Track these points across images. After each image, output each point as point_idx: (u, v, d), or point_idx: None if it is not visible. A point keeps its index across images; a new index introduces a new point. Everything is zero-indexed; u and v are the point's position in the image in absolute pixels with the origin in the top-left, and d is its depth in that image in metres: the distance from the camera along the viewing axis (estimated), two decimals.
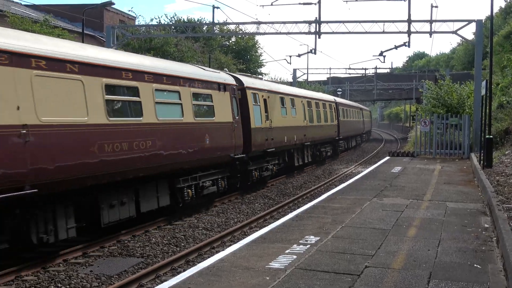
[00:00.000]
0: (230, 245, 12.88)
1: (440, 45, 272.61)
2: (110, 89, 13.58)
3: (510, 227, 10.97)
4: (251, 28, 39.91)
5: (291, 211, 17.49)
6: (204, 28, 58.17)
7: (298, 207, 17.87)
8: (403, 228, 12.46)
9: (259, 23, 37.35)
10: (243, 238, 13.58)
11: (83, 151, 12.36)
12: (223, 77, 20.90)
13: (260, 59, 72.92)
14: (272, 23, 36.74)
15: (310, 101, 33.75)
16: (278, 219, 15.99)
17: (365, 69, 77.87)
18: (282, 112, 27.35)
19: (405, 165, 27.81)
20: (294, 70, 71.18)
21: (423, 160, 30.83)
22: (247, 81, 23.58)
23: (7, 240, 11.41)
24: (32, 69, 11.19)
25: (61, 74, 11.94)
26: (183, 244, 14.54)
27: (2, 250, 11.40)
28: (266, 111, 24.72)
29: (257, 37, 71.25)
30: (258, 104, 23.91)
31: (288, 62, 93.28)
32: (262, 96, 24.58)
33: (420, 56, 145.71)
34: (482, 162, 23.97)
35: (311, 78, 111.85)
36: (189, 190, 17.85)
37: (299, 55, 56.62)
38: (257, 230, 14.49)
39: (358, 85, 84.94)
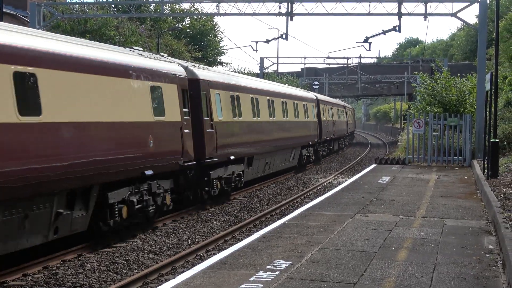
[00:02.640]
0: (183, 271, 12.84)
1: (436, 30, 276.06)
2: None
3: None
4: (209, 8, 39.85)
5: (257, 230, 17.52)
6: (151, 7, 57.92)
7: (266, 226, 17.91)
8: (391, 251, 12.60)
9: (218, 1, 37.38)
10: (199, 263, 13.57)
11: None
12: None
13: (220, 45, 72.94)
14: (235, 1, 36.83)
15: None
16: (241, 240, 16.02)
17: (347, 58, 77.68)
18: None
19: (395, 174, 28.09)
20: (262, 59, 71.29)
21: (416, 168, 31.15)
22: None
23: None
24: None
25: None
26: (124, 271, 14.46)
27: None
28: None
29: (217, 19, 71.37)
30: None
31: (254, 50, 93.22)
32: None
33: (413, 43, 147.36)
34: (486, 171, 24.32)
35: (282, 68, 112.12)
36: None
37: (267, 41, 56.81)
38: (215, 254, 14.49)
39: (338, 78, 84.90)
